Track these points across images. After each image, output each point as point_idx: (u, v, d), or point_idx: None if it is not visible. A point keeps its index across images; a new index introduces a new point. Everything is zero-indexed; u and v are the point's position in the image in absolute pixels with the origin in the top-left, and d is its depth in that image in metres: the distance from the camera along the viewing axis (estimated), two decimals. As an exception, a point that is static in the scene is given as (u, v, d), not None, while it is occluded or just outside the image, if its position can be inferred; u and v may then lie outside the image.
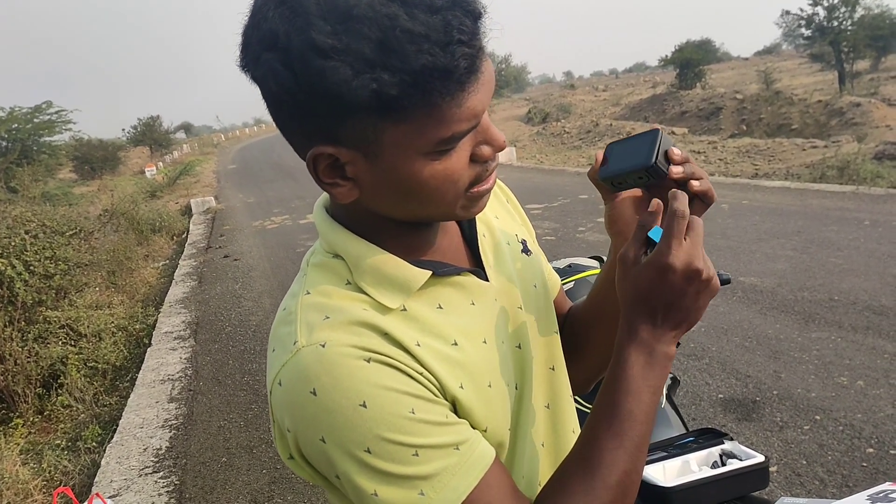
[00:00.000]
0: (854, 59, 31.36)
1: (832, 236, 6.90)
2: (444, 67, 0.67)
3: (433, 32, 0.66)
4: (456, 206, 0.80)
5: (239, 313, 7.11)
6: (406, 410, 0.74)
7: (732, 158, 15.38)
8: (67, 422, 5.07)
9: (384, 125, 0.70)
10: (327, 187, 0.78)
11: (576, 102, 38.48)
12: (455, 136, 0.73)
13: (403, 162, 0.74)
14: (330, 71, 0.66)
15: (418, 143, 0.72)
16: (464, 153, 0.76)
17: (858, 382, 3.91)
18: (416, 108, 0.69)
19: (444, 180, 0.76)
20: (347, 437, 0.74)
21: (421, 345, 0.79)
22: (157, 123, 44.82)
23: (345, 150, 0.74)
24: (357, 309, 0.79)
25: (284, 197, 16.19)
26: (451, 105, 0.70)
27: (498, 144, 0.78)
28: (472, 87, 0.70)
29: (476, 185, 0.80)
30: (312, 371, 0.75)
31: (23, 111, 18.86)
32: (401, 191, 0.77)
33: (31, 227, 6.66)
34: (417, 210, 0.80)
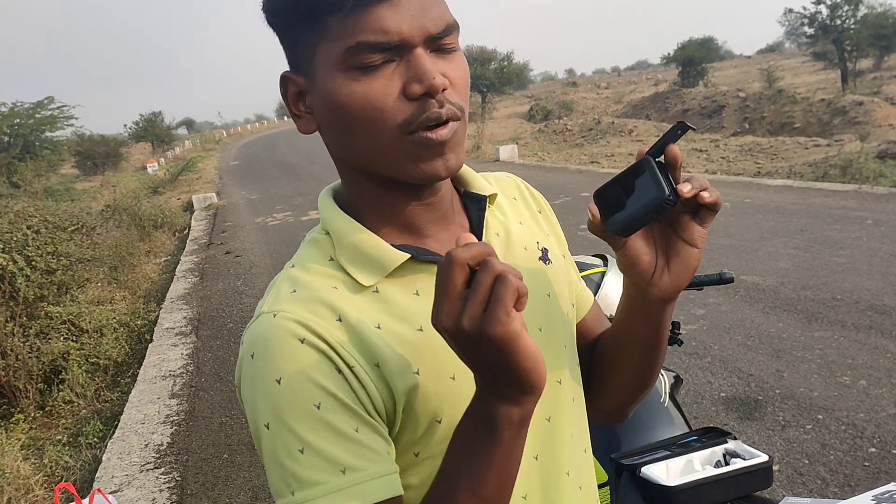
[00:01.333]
0: (857, 58, 31.35)
1: (835, 235, 6.89)
2: None
3: None
4: (398, 148, 0.79)
5: (240, 310, 7.11)
6: (311, 403, 0.75)
7: (735, 157, 15.36)
8: (69, 417, 5.07)
9: (313, 41, 0.77)
10: (294, 117, 0.85)
11: (578, 100, 38.47)
12: (360, 44, 0.74)
13: (328, 80, 0.78)
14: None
15: (333, 56, 0.76)
16: (388, 82, 0.76)
17: (861, 382, 3.91)
18: (325, 15, 0.75)
19: (364, 104, 0.76)
20: (259, 405, 0.77)
21: (381, 327, 0.80)
22: (159, 119, 44.86)
23: (301, 78, 0.82)
24: (326, 286, 0.82)
25: (287, 194, 16.18)
26: (357, 14, 0.74)
27: (426, 82, 0.75)
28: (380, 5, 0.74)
29: (416, 128, 0.77)
30: (259, 336, 0.79)
31: (25, 107, 18.84)
32: (333, 115, 0.80)
33: (34, 222, 6.65)
34: (354, 145, 0.81)
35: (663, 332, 0.96)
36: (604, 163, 16.47)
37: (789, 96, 23.47)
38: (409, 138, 0.78)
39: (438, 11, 0.78)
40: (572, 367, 0.99)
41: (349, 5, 0.73)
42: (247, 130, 67.56)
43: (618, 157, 17.15)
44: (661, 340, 0.96)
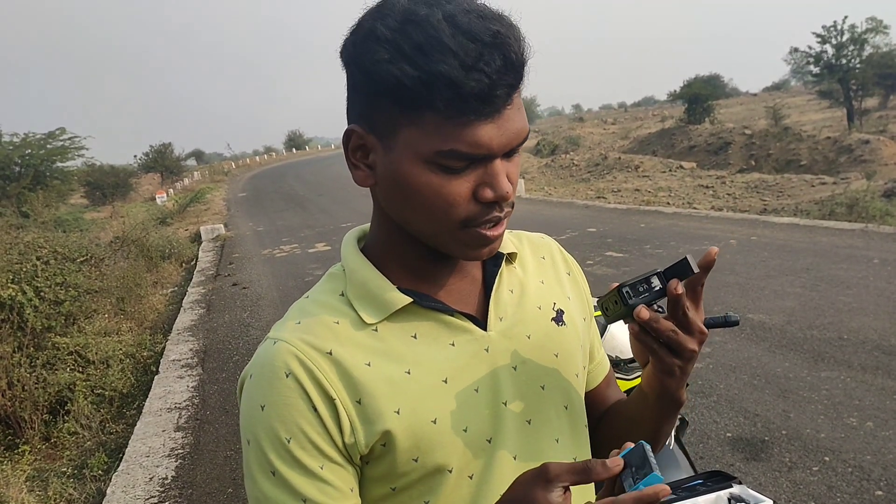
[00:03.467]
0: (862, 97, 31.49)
1: (841, 274, 6.89)
2: (454, 80, 0.74)
3: (462, 53, 0.74)
4: (452, 236, 0.84)
5: (247, 342, 7.11)
6: (285, 435, 0.83)
7: (741, 193, 15.40)
8: (73, 449, 5.07)
9: (402, 121, 0.79)
10: (352, 167, 0.88)
11: (584, 135, 38.68)
12: (453, 153, 0.78)
13: (408, 162, 0.81)
14: (373, 52, 0.78)
15: (422, 147, 0.79)
16: (464, 183, 0.81)
17: (868, 423, 3.89)
18: (425, 109, 0.77)
19: (437, 196, 0.81)
20: (245, 423, 0.86)
21: (371, 365, 0.86)
22: (169, 150, 45.15)
23: (371, 137, 0.84)
24: (329, 320, 0.89)
25: (293, 226, 16.24)
26: (456, 122, 0.76)
27: (499, 192, 0.81)
28: (480, 114, 0.77)
29: (475, 224, 0.83)
30: (258, 360, 0.87)
31: (36, 137, 19.07)
32: (402, 190, 0.83)
33: (43, 253, 6.71)
34: (414, 218, 0.85)
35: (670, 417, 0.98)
36: (610, 198, 16.53)
37: (795, 134, 23.58)
38: (467, 231, 0.84)
39: (522, 125, 0.82)
40: (574, 427, 1.00)
41: (453, 114, 0.76)
42: (255, 162, 67.93)
43: (624, 193, 17.21)
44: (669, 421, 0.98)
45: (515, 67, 0.77)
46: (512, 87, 0.78)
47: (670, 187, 17.40)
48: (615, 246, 9.72)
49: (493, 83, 0.75)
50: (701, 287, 0.87)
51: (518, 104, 0.81)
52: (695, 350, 0.86)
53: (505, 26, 0.78)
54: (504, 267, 0.99)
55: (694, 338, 0.86)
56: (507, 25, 0.78)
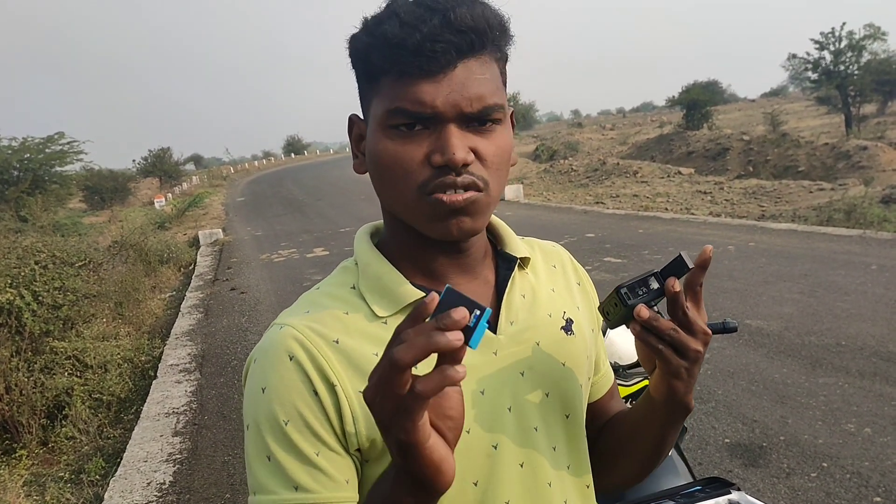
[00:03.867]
0: (860, 103, 31.57)
1: (839, 280, 6.90)
2: (390, 36, 0.79)
3: (404, 15, 0.80)
4: (416, 207, 0.85)
5: (245, 347, 7.11)
6: (283, 417, 0.83)
7: (739, 199, 15.42)
8: (71, 454, 5.06)
9: (370, 95, 0.86)
10: (354, 157, 0.94)
11: (583, 141, 38.70)
12: (398, 110, 0.81)
13: (373, 132, 0.86)
14: (354, 34, 0.87)
15: (379, 112, 0.84)
16: (418, 148, 0.83)
17: (866, 430, 3.89)
18: (380, 76, 0.83)
19: (393, 161, 0.84)
20: (247, 407, 0.86)
21: (379, 355, 0.83)
22: (168, 155, 45.15)
23: (362, 122, 0.91)
24: (339, 311, 0.90)
25: (292, 231, 16.24)
26: (401, 82, 0.81)
27: (447, 155, 0.81)
28: (420, 70, 0.80)
29: (431, 190, 0.83)
30: (263, 344, 0.88)
31: (35, 141, 19.04)
32: (372, 164, 0.88)
33: (42, 257, 6.71)
34: (384, 192, 0.89)
35: (677, 424, 0.98)
36: (608, 203, 16.54)
37: (793, 140, 23.62)
38: (426, 199, 0.84)
39: (479, 91, 0.82)
40: (573, 437, 1.00)
41: (397, 73, 0.81)
42: (254, 167, 67.94)
43: (622, 198, 17.22)
44: (675, 427, 0.98)
45: (456, 28, 0.79)
46: (453, 46, 0.79)
47: (668, 193, 17.42)
48: (613, 251, 9.73)
49: (425, 37, 0.78)
50: (700, 287, 0.87)
51: (476, 71, 0.82)
52: (699, 350, 0.86)
53: (466, 2, 0.81)
54: (517, 271, 0.99)
55: (697, 338, 0.86)
56: (469, 2, 0.81)
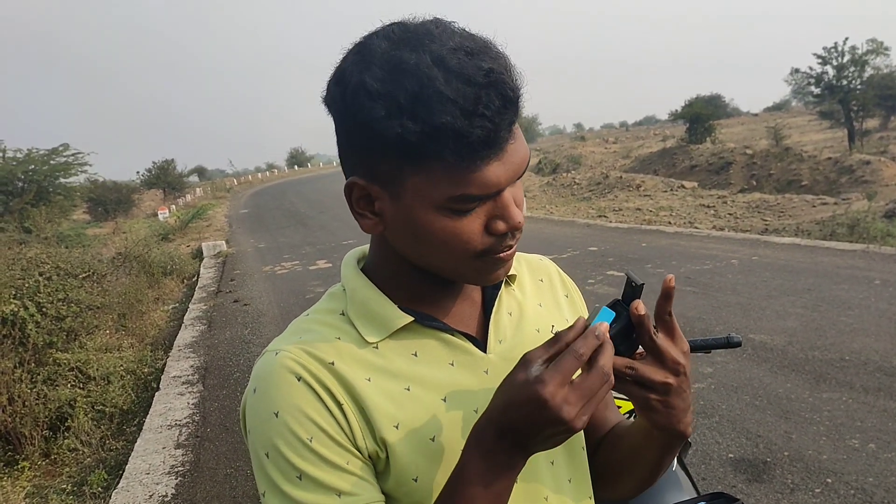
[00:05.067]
0: (863, 118, 31.61)
1: (843, 295, 6.89)
2: (459, 130, 0.74)
3: (461, 100, 0.74)
4: (468, 266, 0.85)
5: (247, 359, 7.10)
6: (305, 435, 0.82)
7: (742, 213, 15.42)
8: (73, 465, 5.05)
9: (407, 170, 0.79)
10: (357, 216, 0.87)
11: (586, 154, 38.78)
12: (465, 197, 0.78)
13: (419, 209, 0.81)
14: (368, 108, 0.77)
15: (433, 195, 0.79)
16: (477, 220, 0.81)
17: (870, 445, 3.88)
18: (432, 160, 0.76)
19: (452, 237, 0.82)
20: (258, 436, 0.84)
21: (372, 380, 0.87)
22: (172, 167, 45.25)
23: (375, 187, 0.83)
24: (331, 336, 0.90)
25: (295, 243, 16.26)
26: (464, 168, 0.76)
27: (512, 223, 0.82)
28: (487, 157, 0.77)
29: (490, 253, 0.84)
30: (261, 372, 0.87)
31: (40, 153, 19.11)
32: (415, 235, 0.84)
33: (46, 268, 6.72)
34: (429, 257, 0.86)
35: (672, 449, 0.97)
36: (611, 217, 16.54)
37: (796, 154, 23.65)
38: (482, 259, 0.85)
39: (524, 154, 0.82)
40: (571, 450, 1.00)
41: (462, 161, 0.76)
42: (257, 179, 68.09)
43: (625, 212, 17.23)
44: (671, 452, 0.97)
45: (513, 103, 0.77)
46: (512, 123, 0.79)
47: (671, 207, 17.42)
48: (616, 265, 9.73)
49: (497, 125, 0.76)
50: (670, 316, 0.85)
51: (518, 134, 0.81)
52: (667, 382, 0.84)
53: (494, 59, 0.77)
54: (503, 289, 1.00)
55: (665, 368, 0.84)
56: (495, 58, 0.78)
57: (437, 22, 0.81)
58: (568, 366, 0.75)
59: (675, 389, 0.85)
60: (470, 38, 0.79)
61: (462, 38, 0.78)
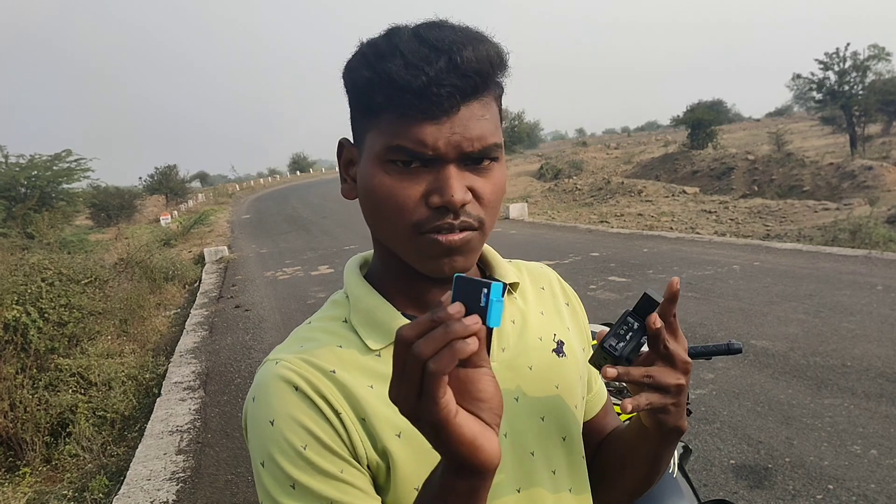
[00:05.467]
0: (865, 123, 31.58)
1: (845, 301, 6.88)
2: (394, 77, 0.79)
3: (409, 54, 0.79)
4: (409, 242, 0.85)
5: (249, 365, 7.11)
6: (300, 444, 0.82)
7: (744, 219, 15.41)
8: (74, 471, 5.05)
9: (366, 124, 0.85)
10: (342, 180, 0.94)
11: (588, 159, 38.73)
12: (399, 147, 0.81)
13: (368, 164, 0.86)
14: (349, 63, 0.86)
15: (376, 146, 0.83)
16: (416, 186, 0.82)
17: (872, 451, 3.88)
18: (379, 111, 0.82)
19: (389, 196, 0.83)
20: (256, 445, 0.85)
21: (374, 387, 0.87)
22: (174, 172, 45.35)
23: (353, 148, 0.91)
24: (332, 344, 0.90)
25: (297, 248, 16.28)
26: (403, 120, 0.80)
27: (446, 197, 0.81)
28: (424, 112, 0.79)
29: (427, 230, 0.83)
30: (260, 381, 0.88)
31: (43, 159, 19.11)
32: (365, 194, 0.87)
33: (48, 274, 6.73)
34: (376, 224, 0.89)
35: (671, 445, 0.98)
36: (613, 222, 16.54)
37: (798, 160, 23.62)
38: (421, 237, 0.84)
39: (481, 132, 0.82)
40: (571, 459, 1.00)
41: (398, 112, 0.80)
42: (259, 184, 68.17)
43: (627, 217, 17.23)
44: (669, 448, 0.98)
45: (462, 71, 0.79)
46: (458, 89, 0.79)
47: (673, 212, 17.42)
48: (618, 270, 9.73)
49: (431, 80, 0.78)
50: (674, 318, 0.87)
51: (478, 112, 0.82)
52: (680, 384, 0.87)
53: (465, 36, 0.81)
54: (506, 297, 0.99)
55: (677, 370, 0.86)
56: (469, 36, 0.81)
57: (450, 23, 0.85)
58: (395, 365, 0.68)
59: (684, 389, 0.88)
60: (464, 26, 0.84)
61: (460, 25, 0.84)
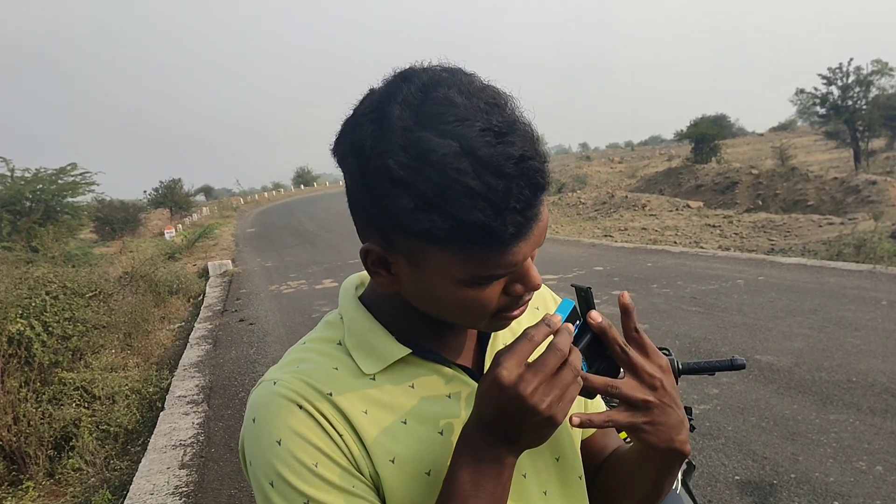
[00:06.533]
0: (869, 138, 31.63)
1: (849, 316, 6.86)
2: (491, 228, 0.73)
3: (492, 194, 0.72)
4: (481, 323, 0.87)
5: (253, 379, 7.10)
6: (311, 461, 0.82)
7: (748, 233, 15.41)
8: (77, 485, 5.04)
9: (431, 248, 0.77)
10: (373, 275, 0.86)
11: (591, 173, 38.84)
12: (491, 276, 0.79)
13: (440, 280, 0.80)
14: (394, 197, 0.74)
15: (456, 272, 0.78)
16: (497, 286, 0.82)
17: (877, 468, 3.85)
18: (460, 249, 0.75)
19: (473, 304, 0.82)
20: (261, 466, 0.83)
21: (368, 413, 0.86)
22: (178, 186, 45.47)
23: (393, 254, 0.81)
24: (328, 366, 0.89)
25: (301, 262, 16.30)
26: (492, 255, 0.76)
27: (531, 286, 0.83)
28: (516, 245, 0.77)
29: (505, 311, 0.85)
30: (259, 402, 0.86)
31: (48, 172, 19.22)
32: (433, 299, 0.84)
33: (52, 288, 6.75)
34: (445, 316, 0.87)
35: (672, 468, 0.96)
36: (617, 236, 16.54)
37: (802, 174, 23.65)
38: (496, 317, 0.86)
39: (546, 221, 0.81)
40: (565, 480, 0.99)
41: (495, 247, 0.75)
42: (264, 198, 68.30)
43: (631, 232, 17.23)
44: (671, 471, 0.96)
45: (543, 189, 0.76)
46: (540, 205, 0.77)
47: (677, 226, 17.42)
48: (622, 285, 9.72)
49: (527, 218, 0.75)
50: (637, 332, 0.86)
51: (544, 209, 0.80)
52: (647, 400, 0.85)
53: (522, 139, 0.74)
54: None
55: (643, 384, 0.85)
56: (524, 138, 0.75)
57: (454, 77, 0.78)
58: (521, 347, 0.79)
59: (657, 405, 0.85)
60: (495, 107, 0.75)
61: (488, 109, 0.75)
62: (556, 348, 0.78)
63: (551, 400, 0.77)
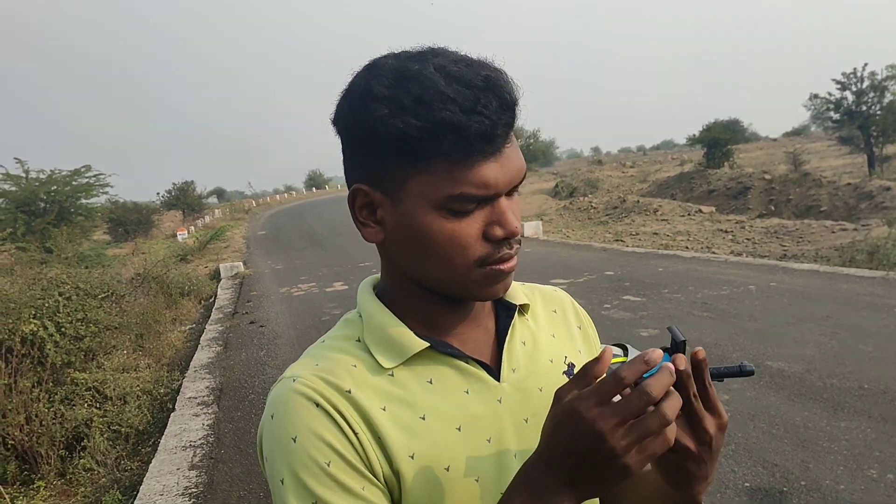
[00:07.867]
0: (883, 143, 31.45)
1: (862, 322, 6.82)
2: (458, 124, 0.78)
3: (461, 99, 0.79)
4: (468, 277, 0.86)
5: (263, 381, 7.12)
6: (323, 460, 0.82)
7: (760, 238, 15.34)
8: (88, 485, 5.08)
9: (409, 172, 0.82)
10: (360, 225, 0.91)
11: (603, 178, 38.76)
12: (463, 196, 0.81)
13: (419, 211, 0.84)
14: (373, 109, 0.81)
15: (432, 195, 0.82)
16: (474, 224, 0.84)
17: (889, 476, 3.83)
18: (432, 158, 0.80)
19: (450, 241, 0.84)
20: (276, 463, 0.84)
21: (387, 409, 0.87)
22: (191, 188, 45.67)
23: (377, 193, 0.86)
24: (347, 363, 0.90)
25: (312, 264, 16.33)
26: (462, 165, 0.80)
27: (509, 229, 0.84)
28: (484, 154, 0.80)
29: (489, 263, 0.86)
30: (278, 399, 0.87)
31: (62, 174, 19.32)
32: (415, 241, 0.86)
33: (65, 288, 6.80)
34: (429, 267, 0.87)
35: None
36: (628, 241, 16.50)
37: (815, 179, 23.53)
38: (482, 270, 0.86)
39: (520, 162, 0.86)
40: None
41: (460, 157, 0.80)
42: (276, 200, 68.53)
43: (642, 236, 17.18)
44: None
45: (510, 107, 0.82)
46: (509, 126, 0.83)
47: (689, 231, 17.37)
48: (633, 290, 9.69)
49: (494, 123, 0.80)
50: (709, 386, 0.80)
51: (514, 143, 0.85)
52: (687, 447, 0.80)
53: (493, 71, 0.83)
54: (517, 318, 1.00)
55: (692, 432, 0.80)
56: (494, 70, 0.83)
57: (441, 48, 0.86)
58: (607, 387, 0.71)
59: (695, 456, 0.82)
60: (470, 57, 0.84)
61: (464, 56, 0.84)
62: (645, 391, 0.70)
63: (629, 444, 0.70)
